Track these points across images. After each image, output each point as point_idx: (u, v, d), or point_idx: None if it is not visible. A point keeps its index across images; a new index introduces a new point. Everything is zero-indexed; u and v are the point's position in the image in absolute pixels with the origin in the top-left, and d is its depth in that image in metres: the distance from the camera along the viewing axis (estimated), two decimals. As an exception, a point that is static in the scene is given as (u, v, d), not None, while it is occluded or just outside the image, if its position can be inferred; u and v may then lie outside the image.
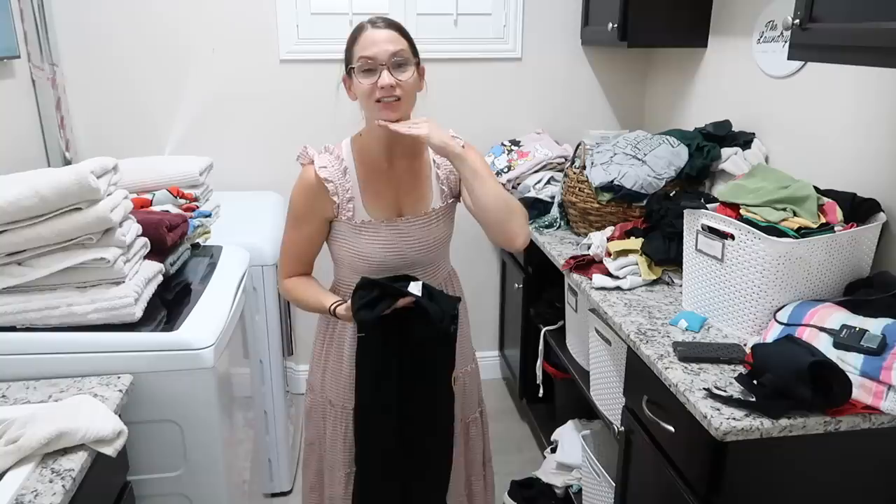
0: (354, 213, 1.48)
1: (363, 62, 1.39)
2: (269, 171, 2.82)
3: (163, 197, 2.13)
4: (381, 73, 1.38)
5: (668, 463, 1.45)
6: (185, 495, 1.55)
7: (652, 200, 2.05)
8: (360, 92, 1.41)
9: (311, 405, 1.69)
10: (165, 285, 1.68)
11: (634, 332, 1.59)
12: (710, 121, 2.28)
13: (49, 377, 1.41)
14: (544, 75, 2.91)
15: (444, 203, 1.56)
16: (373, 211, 1.49)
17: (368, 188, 1.49)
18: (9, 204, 1.35)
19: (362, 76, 1.39)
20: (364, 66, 1.39)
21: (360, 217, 1.49)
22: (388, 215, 1.50)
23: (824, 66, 1.83)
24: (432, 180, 1.55)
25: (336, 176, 1.47)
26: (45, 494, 1.06)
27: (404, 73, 1.40)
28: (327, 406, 1.64)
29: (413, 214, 1.52)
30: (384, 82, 1.37)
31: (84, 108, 2.64)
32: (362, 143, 1.51)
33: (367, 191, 1.49)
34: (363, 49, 1.39)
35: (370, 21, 1.43)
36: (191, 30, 2.65)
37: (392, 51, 1.38)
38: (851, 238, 1.52)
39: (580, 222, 2.30)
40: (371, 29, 1.41)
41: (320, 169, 1.46)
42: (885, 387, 1.24)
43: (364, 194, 1.49)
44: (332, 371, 1.63)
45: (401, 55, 1.39)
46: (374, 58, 1.38)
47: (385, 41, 1.38)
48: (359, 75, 1.40)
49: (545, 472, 2.34)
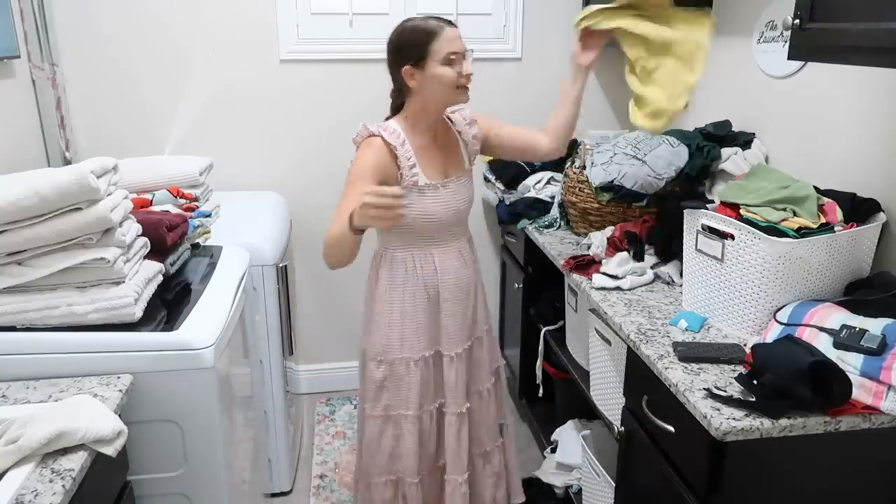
0: (418, 178, 1.70)
1: (451, 55, 1.63)
2: (269, 171, 2.83)
3: (163, 197, 2.13)
4: (464, 63, 1.65)
5: (667, 463, 1.45)
6: (185, 495, 1.55)
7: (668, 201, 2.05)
8: (445, 79, 1.64)
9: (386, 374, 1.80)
10: (165, 285, 1.68)
11: (634, 332, 1.59)
12: (710, 121, 2.28)
13: (49, 377, 1.41)
14: (544, 75, 2.91)
15: (470, 165, 1.85)
16: (430, 176, 1.73)
17: (422, 157, 1.73)
18: (9, 204, 1.35)
19: (447, 66, 1.63)
20: (451, 58, 1.63)
21: (423, 181, 1.71)
22: (440, 179, 1.75)
23: (824, 66, 1.83)
24: (461, 147, 1.83)
25: (398, 145, 1.69)
26: (45, 494, 1.06)
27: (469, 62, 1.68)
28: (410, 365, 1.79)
29: (456, 175, 1.78)
30: (468, 70, 1.66)
31: (84, 108, 2.64)
32: (412, 122, 1.74)
33: (422, 159, 1.73)
34: (449, 43, 1.63)
35: (444, 20, 1.66)
36: (191, 30, 2.65)
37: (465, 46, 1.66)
38: (851, 238, 1.52)
39: (580, 222, 2.30)
40: (448, 27, 1.65)
41: (391, 136, 1.68)
42: (885, 387, 1.24)
43: (421, 162, 1.72)
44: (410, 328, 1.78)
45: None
46: (458, 51, 1.64)
47: (460, 37, 1.66)
48: (441, 66, 1.63)
49: (545, 472, 2.34)
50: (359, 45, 2.72)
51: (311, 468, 2.61)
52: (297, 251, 2.87)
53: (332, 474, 2.56)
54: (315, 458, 2.67)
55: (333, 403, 3.05)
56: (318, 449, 2.73)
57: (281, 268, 2.22)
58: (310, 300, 3.01)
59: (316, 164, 2.84)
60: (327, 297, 3.00)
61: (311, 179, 2.84)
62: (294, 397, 2.69)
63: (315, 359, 3.11)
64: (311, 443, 2.78)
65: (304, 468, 2.61)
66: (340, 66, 2.74)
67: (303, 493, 2.47)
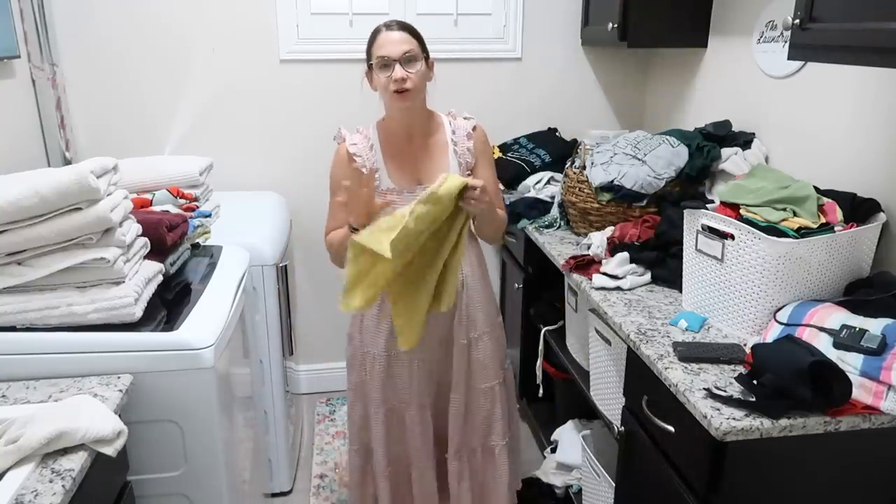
0: (380, 182, 1.75)
1: (379, 60, 1.67)
2: (269, 171, 2.83)
3: (163, 197, 2.13)
4: (395, 67, 1.65)
5: (667, 463, 1.45)
6: (185, 495, 1.55)
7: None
8: (379, 84, 1.70)
9: (353, 353, 1.93)
10: (165, 285, 1.68)
11: (634, 332, 1.59)
12: (710, 121, 2.28)
13: (49, 377, 1.41)
14: (544, 75, 2.91)
15: (459, 174, 1.76)
16: (396, 180, 1.77)
17: (392, 161, 1.77)
18: (9, 204, 1.35)
19: (380, 71, 1.68)
20: (380, 62, 1.67)
21: (385, 185, 1.76)
22: (409, 184, 1.77)
23: (824, 66, 1.83)
24: (449, 155, 1.80)
25: (363, 151, 1.75)
26: (45, 494, 1.06)
27: (413, 67, 1.68)
28: (366, 355, 1.88)
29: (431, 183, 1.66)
30: (397, 75, 1.65)
31: (84, 108, 2.64)
32: (385, 125, 1.80)
33: (391, 163, 1.77)
34: (379, 48, 1.68)
35: (385, 24, 1.71)
36: (191, 30, 2.65)
37: (403, 49, 1.66)
38: (851, 238, 1.52)
39: (580, 222, 2.30)
40: (385, 31, 1.69)
41: (350, 146, 1.76)
42: (885, 387, 1.24)
43: (388, 166, 1.76)
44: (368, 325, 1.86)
45: (410, 53, 1.67)
46: (387, 56, 1.66)
47: (397, 42, 1.67)
48: (377, 71, 1.68)
49: (545, 472, 2.34)
50: (359, 45, 2.66)
51: (311, 468, 2.61)
52: (297, 251, 2.87)
53: (332, 474, 2.56)
54: (315, 458, 2.67)
55: (333, 403, 3.05)
56: (318, 449, 2.73)
57: (281, 268, 2.22)
58: (310, 300, 3.01)
59: (316, 164, 2.83)
60: (327, 297, 3.00)
61: (311, 179, 2.84)
62: (294, 397, 2.69)
63: (315, 359, 3.11)
64: (311, 443, 2.78)
65: (304, 468, 2.61)
66: (340, 66, 2.74)
67: (303, 493, 2.47)
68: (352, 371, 1.95)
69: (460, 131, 1.81)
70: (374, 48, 1.69)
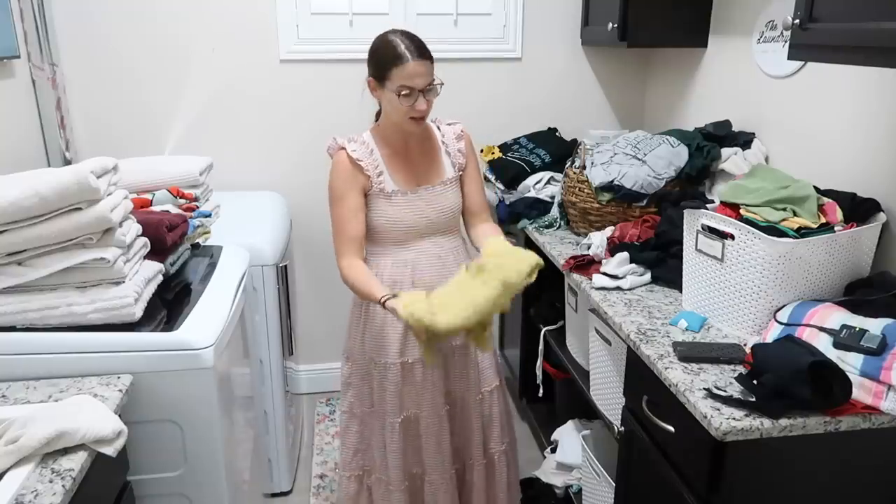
0: (385, 184, 1.76)
1: (403, 88, 1.64)
2: (269, 171, 2.83)
3: (163, 197, 2.13)
4: (419, 98, 1.66)
5: (667, 463, 1.45)
6: (185, 495, 1.55)
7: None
8: (398, 109, 1.68)
9: (351, 371, 1.90)
10: (165, 285, 1.68)
11: (634, 332, 1.59)
12: (710, 121, 2.28)
13: (49, 377, 1.41)
14: (544, 75, 2.91)
15: (455, 174, 1.85)
16: (399, 182, 1.78)
17: (392, 165, 1.79)
18: (9, 204, 1.35)
19: (403, 99, 1.66)
20: (404, 90, 1.65)
21: (390, 187, 1.77)
22: (411, 186, 1.79)
23: (824, 66, 1.83)
24: (442, 156, 1.85)
25: (365, 156, 1.75)
26: (45, 494, 1.06)
27: (432, 96, 1.70)
28: (371, 365, 1.86)
29: (430, 184, 1.81)
30: (422, 108, 1.68)
31: (84, 108, 2.64)
32: (382, 131, 1.80)
33: (392, 167, 1.78)
34: (406, 78, 1.64)
35: (409, 51, 1.64)
36: (191, 30, 2.65)
37: (428, 81, 1.67)
38: (851, 238, 1.52)
39: (580, 222, 2.30)
40: (413, 62, 1.63)
41: (352, 151, 1.75)
42: (884, 387, 1.24)
43: (389, 169, 1.78)
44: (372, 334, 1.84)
45: (433, 83, 1.69)
46: (414, 87, 1.65)
47: (424, 74, 1.66)
48: (399, 96, 1.66)
49: (545, 472, 2.34)
50: (359, 45, 2.66)
51: (311, 468, 2.61)
52: (297, 251, 2.87)
53: (332, 474, 2.56)
54: (315, 458, 2.67)
55: (333, 403, 3.05)
56: (318, 449, 2.73)
57: (281, 268, 2.22)
58: (310, 300, 3.01)
59: (316, 164, 2.82)
60: (327, 297, 3.00)
61: (311, 179, 2.83)
62: (294, 397, 2.69)
63: (315, 359, 3.11)
64: (311, 443, 2.78)
65: (304, 468, 2.61)
66: (340, 66, 2.73)
67: (303, 493, 2.47)
68: (348, 390, 1.92)
69: (449, 134, 1.87)
70: (397, 74, 1.64)
